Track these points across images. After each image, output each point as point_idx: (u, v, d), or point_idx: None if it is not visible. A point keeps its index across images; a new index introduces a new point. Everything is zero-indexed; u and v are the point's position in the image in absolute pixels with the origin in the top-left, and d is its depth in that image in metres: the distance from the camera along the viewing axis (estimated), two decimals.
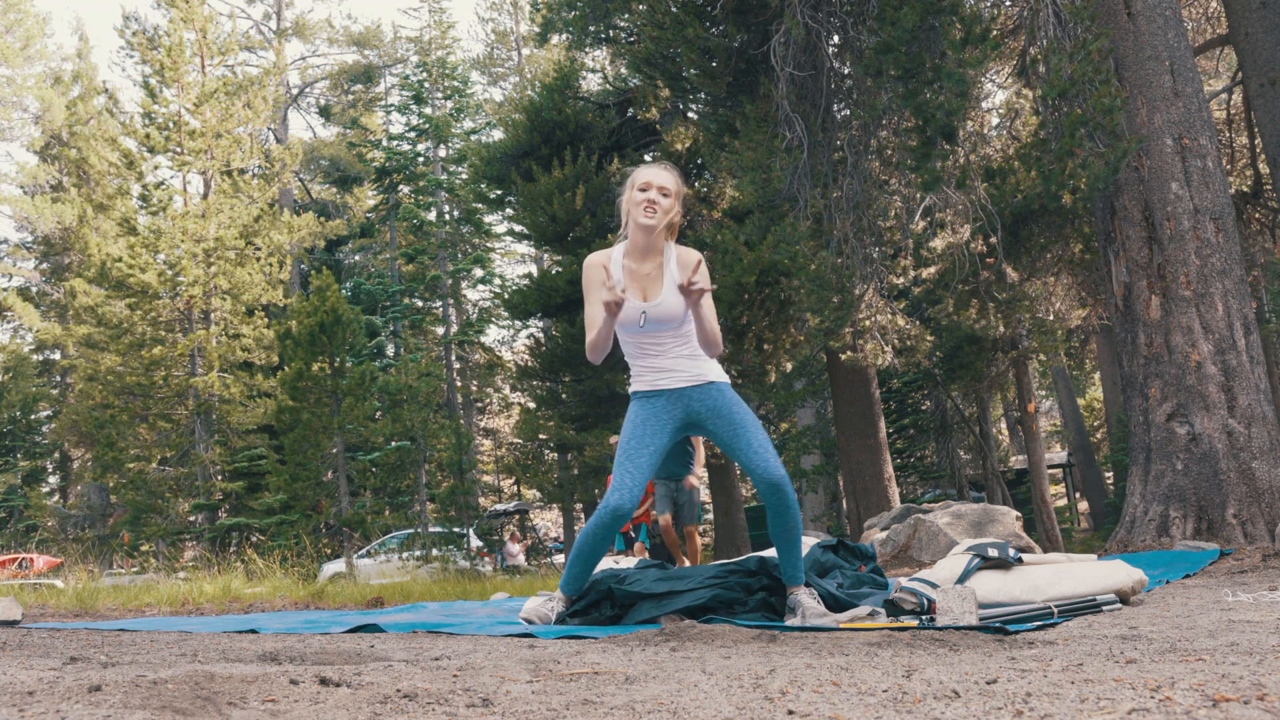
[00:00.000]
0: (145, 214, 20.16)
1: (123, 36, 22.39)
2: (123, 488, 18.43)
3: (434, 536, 15.24)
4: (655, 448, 3.27)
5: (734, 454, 3.24)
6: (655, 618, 3.30)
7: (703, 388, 3.27)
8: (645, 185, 3.24)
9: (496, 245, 27.99)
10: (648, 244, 3.26)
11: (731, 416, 3.24)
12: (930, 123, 7.14)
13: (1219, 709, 1.26)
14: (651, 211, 3.20)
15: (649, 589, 3.43)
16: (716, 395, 3.26)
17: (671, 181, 3.26)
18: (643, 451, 3.26)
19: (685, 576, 3.47)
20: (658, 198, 3.21)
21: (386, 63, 32.08)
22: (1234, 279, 6.86)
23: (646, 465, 3.24)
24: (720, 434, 3.26)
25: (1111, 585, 3.32)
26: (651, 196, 3.21)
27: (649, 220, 3.20)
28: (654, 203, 3.20)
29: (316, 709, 1.41)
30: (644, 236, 3.24)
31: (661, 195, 3.22)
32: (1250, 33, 8.52)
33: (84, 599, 7.02)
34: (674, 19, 9.06)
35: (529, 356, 15.60)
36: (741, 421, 3.24)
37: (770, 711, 1.37)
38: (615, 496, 3.23)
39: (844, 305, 8.68)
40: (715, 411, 3.26)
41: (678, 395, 3.28)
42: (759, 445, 3.20)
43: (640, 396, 3.33)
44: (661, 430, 3.29)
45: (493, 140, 19.91)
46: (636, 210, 3.22)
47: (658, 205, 3.21)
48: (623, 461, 3.26)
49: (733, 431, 3.23)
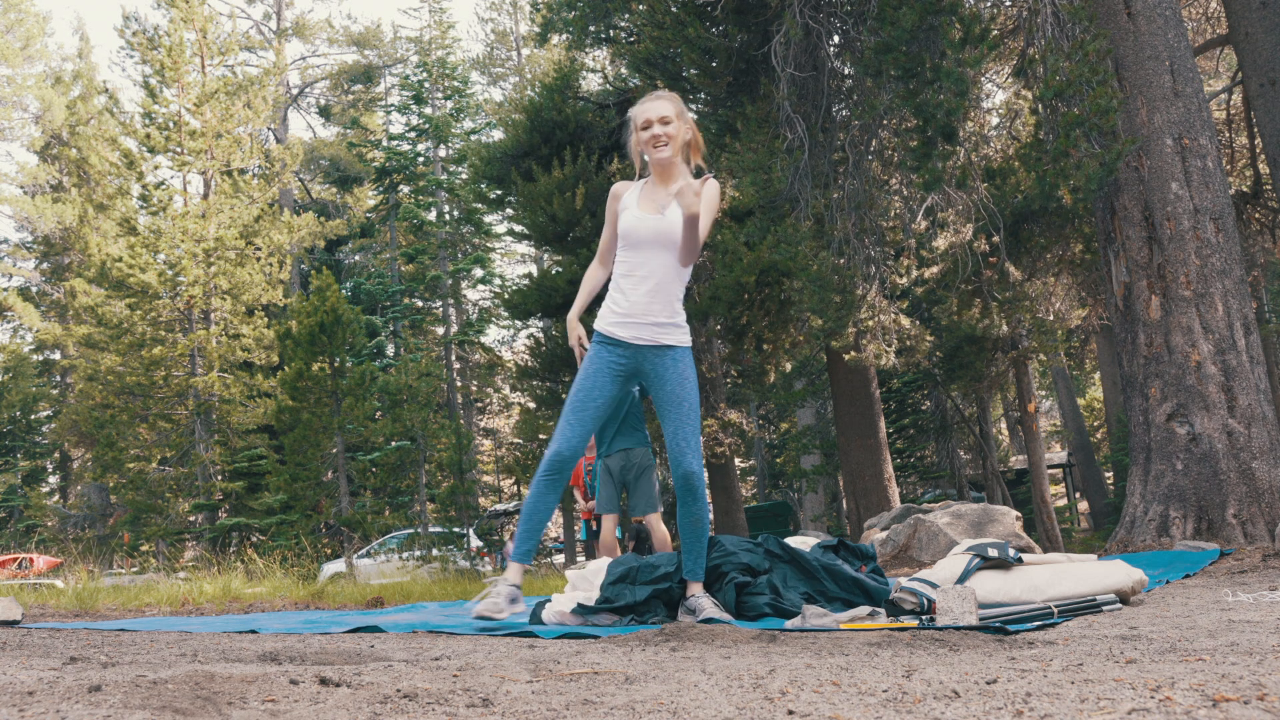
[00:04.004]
0: (145, 214, 20.16)
1: (123, 36, 22.39)
2: (123, 488, 18.43)
3: (434, 536, 15.24)
4: (603, 399, 3.29)
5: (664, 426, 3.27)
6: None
7: (659, 351, 3.26)
8: (646, 123, 3.28)
9: (496, 245, 27.98)
10: (666, 173, 3.31)
11: (674, 394, 3.25)
12: (930, 122, 7.14)
13: (1219, 709, 1.26)
14: (662, 145, 3.25)
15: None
16: (670, 364, 3.26)
17: (670, 108, 3.29)
18: (590, 403, 3.28)
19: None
20: (660, 130, 3.26)
21: (386, 63, 32.08)
22: (1234, 279, 6.86)
23: (592, 416, 3.27)
24: (658, 402, 3.29)
25: (1111, 585, 3.32)
26: (655, 132, 3.26)
27: (663, 154, 3.25)
28: (657, 136, 3.25)
29: (316, 709, 1.41)
30: (662, 168, 3.30)
31: (662, 125, 3.26)
32: (1250, 33, 8.52)
33: (84, 599, 7.02)
34: (674, 19, 9.06)
35: (529, 356, 15.60)
36: (679, 401, 3.25)
37: (770, 711, 1.37)
38: (555, 444, 3.25)
39: (846, 305, 8.68)
40: (661, 380, 3.27)
41: (633, 352, 3.28)
42: (686, 432, 3.23)
43: (599, 340, 3.32)
44: (612, 380, 3.30)
45: (493, 140, 19.90)
46: (648, 149, 3.28)
47: (662, 136, 3.25)
48: (568, 411, 3.28)
49: (668, 407, 3.26)
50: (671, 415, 3.24)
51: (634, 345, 3.26)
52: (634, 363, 3.29)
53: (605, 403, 3.30)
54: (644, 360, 3.28)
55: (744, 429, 15.27)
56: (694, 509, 3.26)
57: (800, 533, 15.69)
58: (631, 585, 3.50)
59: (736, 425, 14.84)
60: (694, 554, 3.34)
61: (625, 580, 3.53)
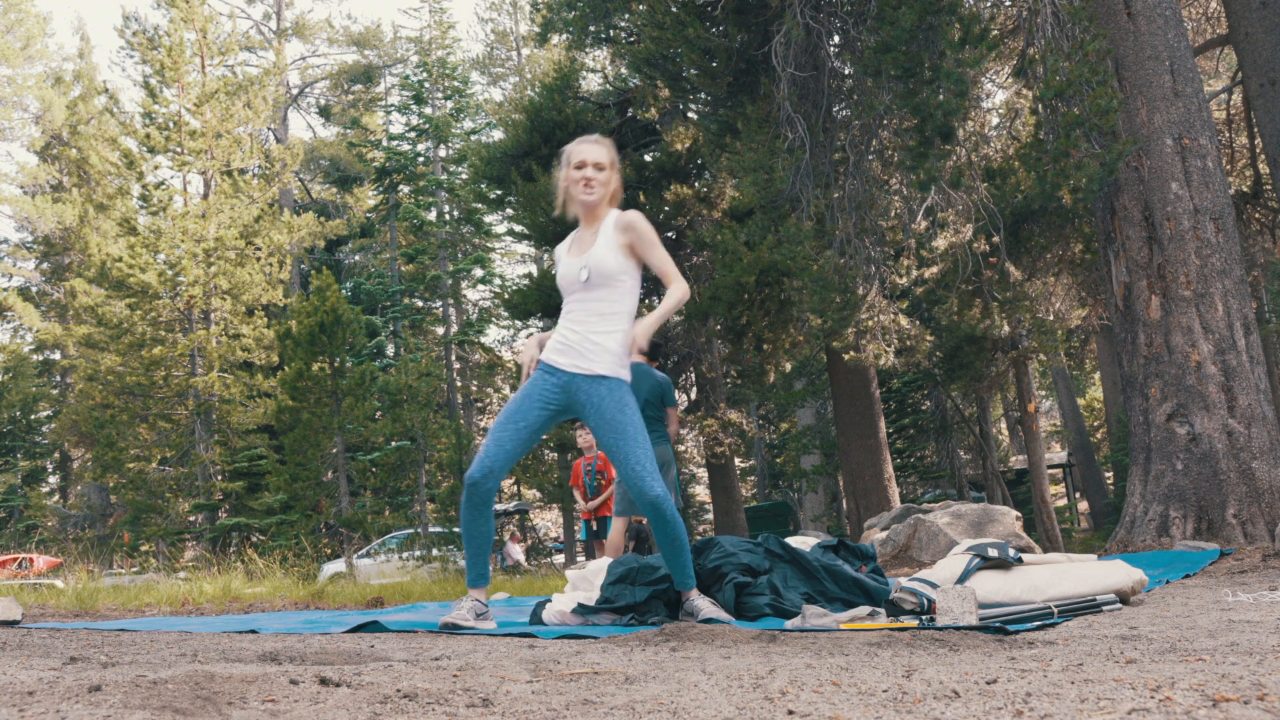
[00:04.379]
0: (145, 214, 20.15)
1: (123, 36, 22.39)
2: (123, 488, 18.43)
3: (434, 536, 15.24)
4: (528, 424, 3.24)
5: (613, 460, 3.20)
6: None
7: (590, 380, 3.23)
8: (581, 163, 3.31)
9: (496, 245, 27.98)
10: (590, 214, 3.37)
11: (615, 421, 3.18)
12: (929, 122, 7.14)
13: (1219, 709, 1.26)
14: (590, 190, 3.30)
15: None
16: (604, 394, 3.20)
17: (605, 155, 3.33)
18: (511, 425, 3.24)
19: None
20: (593, 174, 3.30)
21: (386, 63, 32.07)
22: (1234, 279, 6.86)
23: (511, 439, 3.22)
24: (601, 436, 3.22)
25: (1111, 585, 3.32)
26: (588, 175, 3.30)
27: (589, 198, 3.30)
28: (589, 180, 3.29)
29: (316, 709, 1.41)
30: (586, 210, 3.35)
31: (596, 170, 3.30)
32: (1250, 33, 8.52)
33: (84, 599, 7.02)
34: (674, 19, 9.06)
35: None
36: (624, 429, 3.16)
37: (770, 711, 1.37)
38: (473, 467, 3.22)
39: (847, 305, 8.68)
40: (599, 411, 3.20)
41: (566, 380, 3.26)
42: (638, 460, 3.13)
43: (541, 367, 3.34)
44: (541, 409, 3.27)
45: (493, 140, 19.90)
46: (575, 188, 3.31)
47: (593, 181, 3.29)
48: (491, 431, 3.27)
49: (614, 437, 3.18)
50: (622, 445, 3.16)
51: (566, 373, 3.26)
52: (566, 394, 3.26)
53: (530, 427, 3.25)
54: (576, 391, 3.24)
55: (744, 429, 15.27)
56: (668, 531, 3.18)
57: (800, 533, 15.69)
58: (631, 586, 3.50)
59: (736, 425, 14.84)
60: (678, 568, 3.28)
61: (625, 581, 3.53)
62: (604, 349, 3.23)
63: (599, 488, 7.89)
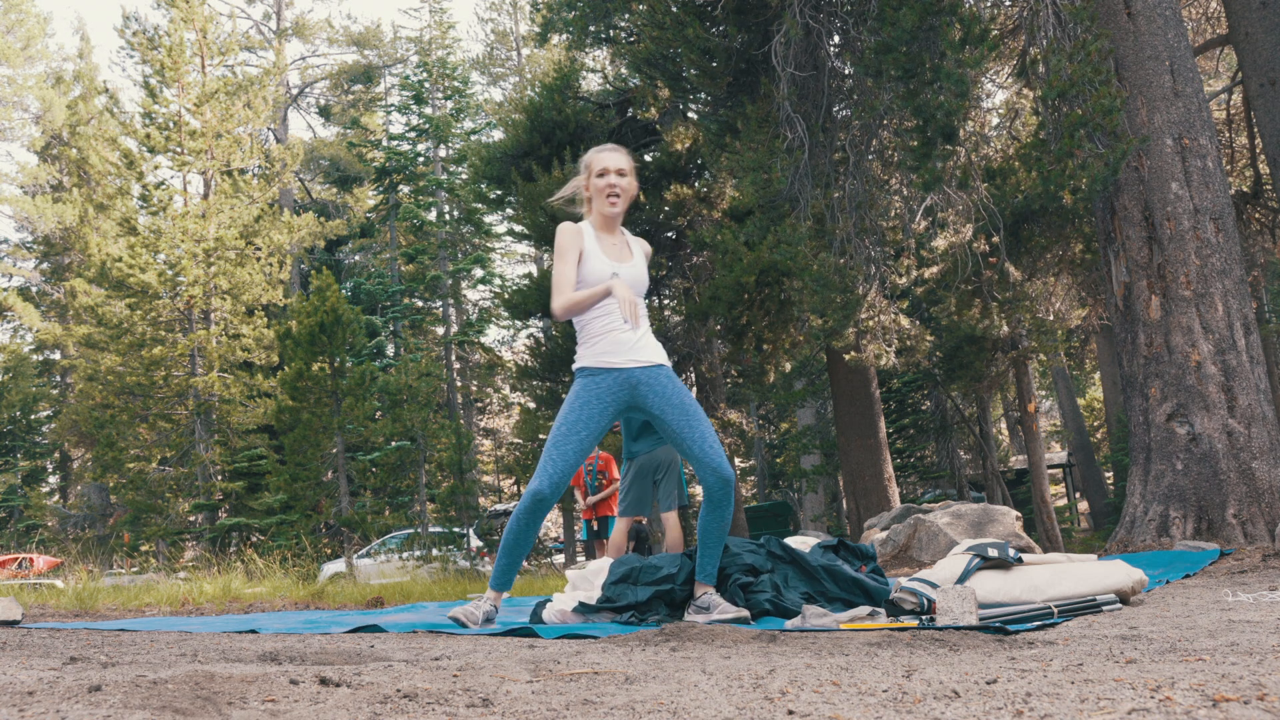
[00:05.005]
0: (145, 214, 20.15)
1: (123, 36, 22.39)
2: (123, 488, 18.43)
3: (434, 536, 15.23)
4: (590, 432, 3.25)
5: (682, 443, 3.22)
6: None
7: (651, 370, 3.27)
8: (604, 171, 3.35)
9: (496, 245, 27.98)
10: (612, 224, 3.41)
11: (684, 404, 3.24)
12: (930, 123, 7.14)
13: (1219, 709, 1.26)
14: (615, 200, 3.35)
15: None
16: (666, 380, 3.27)
17: (626, 161, 3.40)
18: (573, 437, 3.24)
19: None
20: (617, 180, 3.35)
21: (386, 63, 32.08)
22: (1234, 279, 6.86)
23: (574, 451, 3.23)
24: (670, 421, 3.23)
25: (1111, 585, 3.32)
26: (612, 181, 3.34)
27: (614, 209, 3.35)
28: (614, 187, 3.34)
29: (316, 709, 1.41)
30: (609, 220, 3.39)
31: (619, 177, 3.36)
32: (1250, 33, 8.52)
33: (84, 599, 7.02)
34: (674, 19, 9.06)
35: (529, 356, 15.59)
36: (694, 410, 3.25)
37: (770, 711, 1.37)
38: (537, 481, 3.21)
39: (847, 305, 8.68)
40: (665, 397, 3.25)
41: (624, 377, 3.27)
42: (710, 438, 3.22)
43: (586, 374, 3.31)
44: (602, 414, 3.27)
45: (493, 140, 19.90)
46: (600, 198, 3.36)
47: (618, 188, 3.35)
48: (552, 445, 3.24)
49: (685, 420, 3.22)
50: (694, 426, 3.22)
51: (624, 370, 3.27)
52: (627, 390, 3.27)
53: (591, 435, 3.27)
54: (638, 384, 3.26)
55: (744, 429, 15.27)
56: (725, 514, 3.26)
57: (800, 533, 15.69)
58: (633, 585, 3.50)
59: (736, 425, 14.84)
60: (712, 557, 3.35)
61: (627, 580, 3.53)
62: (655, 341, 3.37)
63: (600, 488, 7.89)
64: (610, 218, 3.38)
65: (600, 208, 3.36)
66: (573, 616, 3.54)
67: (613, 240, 3.40)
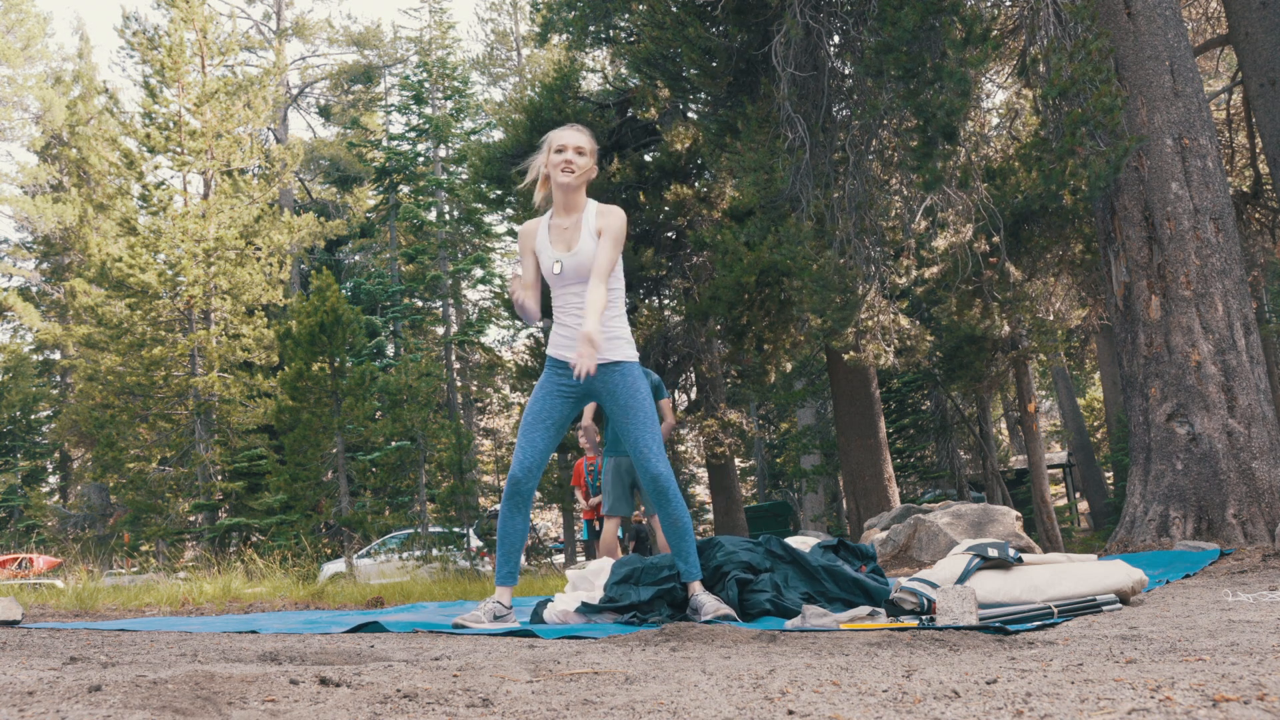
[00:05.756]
0: (145, 214, 20.15)
1: (123, 36, 22.38)
2: (123, 488, 18.42)
3: (434, 536, 15.23)
4: (555, 419, 3.42)
5: (622, 437, 3.38)
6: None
7: (606, 368, 3.37)
8: (561, 147, 3.40)
9: (496, 245, 27.98)
10: (568, 201, 3.42)
11: (628, 402, 3.36)
12: (931, 122, 7.14)
13: (1219, 709, 1.26)
14: (569, 170, 3.36)
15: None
16: (618, 378, 3.38)
17: (586, 141, 3.43)
18: (540, 424, 3.40)
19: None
20: (574, 157, 3.37)
21: (386, 63, 32.07)
22: (1234, 279, 6.86)
23: (542, 438, 3.39)
24: (611, 415, 3.42)
25: (1111, 585, 3.32)
26: (568, 157, 3.37)
27: (566, 179, 3.37)
28: (570, 162, 3.36)
29: (316, 709, 1.41)
30: (564, 194, 3.41)
31: (577, 154, 3.38)
32: (1250, 33, 8.52)
33: (84, 599, 7.02)
34: (674, 19, 9.05)
35: (529, 356, 15.60)
36: (634, 409, 3.36)
37: (770, 711, 1.37)
38: (514, 467, 3.37)
39: (847, 305, 8.67)
40: (612, 394, 3.38)
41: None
42: (645, 438, 3.33)
43: (551, 363, 3.47)
44: (564, 401, 3.43)
45: (493, 140, 19.89)
46: (554, 171, 3.39)
47: (574, 164, 3.37)
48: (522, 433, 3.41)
49: (624, 417, 3.37)
50: (629, 423, 3.35)
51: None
52: (585, 382, 3.37)
53: (558, 421, 3.42)
54: (594, 379, 3.36)
55: (744, 429, 15.26)
56: (669, 510, 3.35)
57: (800, 533, 15.69)
58: (636, 586, 3.51)
59: (736, 425, 14.84)
60: (683, 555, 3.40)
61: (629, 580, 3.54)
62: (615, 336, 3.38)
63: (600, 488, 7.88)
64: (564, 189, 3.39)
65: (555, 177, 3.40)
66: (575, 617, 3.54)
67: (566, 224, 3.43)
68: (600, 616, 3.49)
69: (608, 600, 3.51)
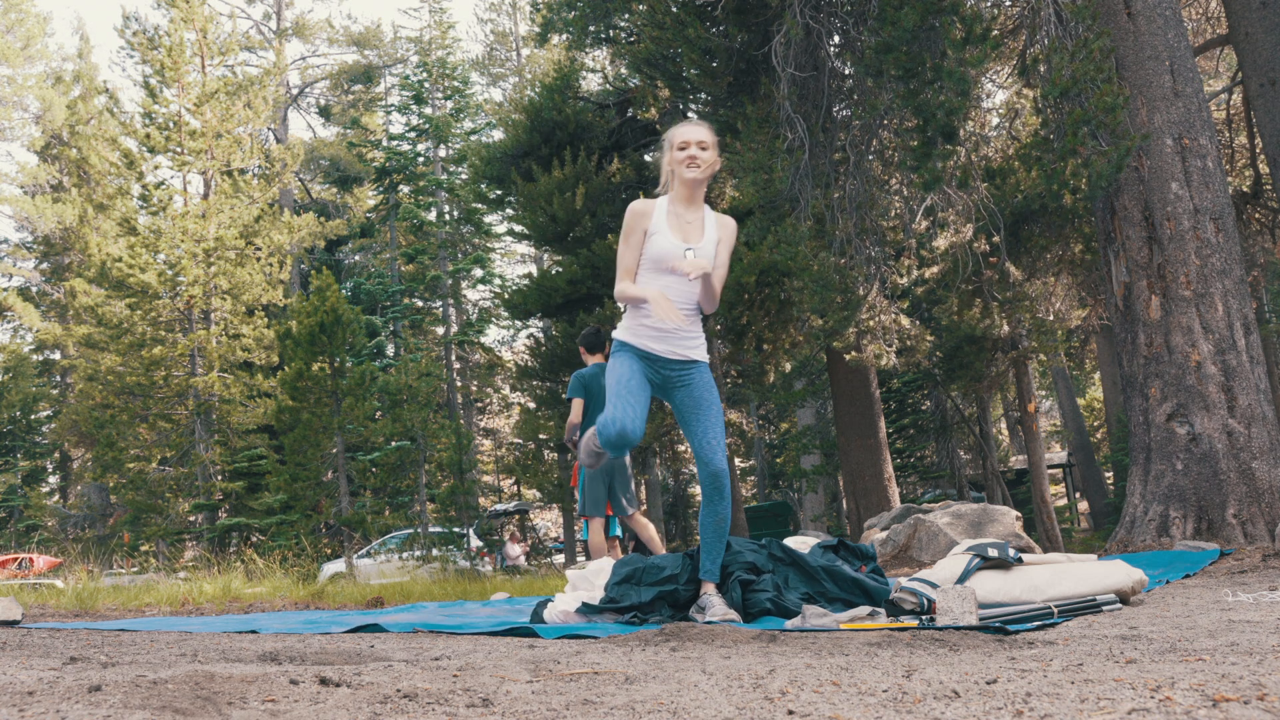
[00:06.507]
0: (145, 214, 20.15)
1: (123, 36, 22.38)
2: (123, 488, 18.42)
3: (434, 536, 15.23)
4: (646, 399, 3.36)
5: (687, 431, 3.40)
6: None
7: (686, 366, 3.39)
8: (684, 143, 3.39)
9: (496, 245, 27.97)
10: (693, 194, 3.42)
11: (702, 396, 3.39)
12: (931, 122, 7.14)
13: (1219, 709, 1.26)
14: (695, 165, 3.36)
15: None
16: (696, 375, 3.40)
17: (708, 134, 3.42)
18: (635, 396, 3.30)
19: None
20: (697, 152, 3.37)
21: (386, 63, 32.07)
22: (1234, 279, 6.86)
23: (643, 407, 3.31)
24: (683, 409, 3.41)
25: (1111, 585, 3.32)
26: (692, 153, 3.37)
27: (694, 173, 3.36)
28: (694, 157, 3.37)
29: (316, 709, 1.41)
30: (689, 188, 3.41)
31: (700, 149, 3.38)
32: (1250, 33, 8.52)
33: (84, 599, 7.02)
34: (674, 19, 9.05)
35: (529, 356, 15.59)
36: (707, 406, 3.39)
37: (770, 711, 1.37)
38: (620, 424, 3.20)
39: (847, 306, 8.67)
40: (688, 389, 3.40)
41: (662, 364, 3.39)
42: (713, 434, 3.36)
43: (637, 352, 3.38)
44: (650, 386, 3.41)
45: (493, 140, 19.89)
46: (680, 167, 3.38)
47: (699, 159, 3.37)
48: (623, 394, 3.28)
49: (695, 412, 3.38)
50: (701, 419, 3.37)
51: (666, 359, 3.37)
52: (661, 375, 3.39)
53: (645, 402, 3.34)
54: (671, 373, 3.39)
55: (744, 429, 15.26)
56: (719, 508, 3.36)
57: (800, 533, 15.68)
58: (637, 586, 3.51)
59: (736, 425, 14.83)
60: (713, 554, 3.42)
61: (630, 581, 3.54)
62: (699, 337, 3.43)
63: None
64: (691, 184, 3.38)
65: (681, 174, 3.38)
66: (575, 617, 3.54)
67: (690, 218, 3.41)
68: (601, 617, 3.49)
69: (608, 600, 3.51)
